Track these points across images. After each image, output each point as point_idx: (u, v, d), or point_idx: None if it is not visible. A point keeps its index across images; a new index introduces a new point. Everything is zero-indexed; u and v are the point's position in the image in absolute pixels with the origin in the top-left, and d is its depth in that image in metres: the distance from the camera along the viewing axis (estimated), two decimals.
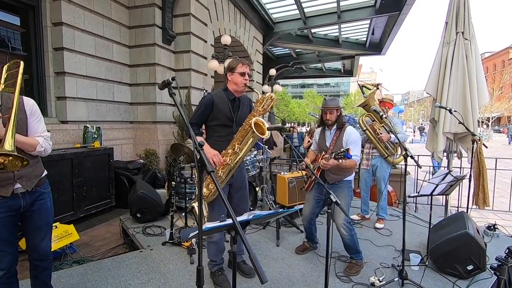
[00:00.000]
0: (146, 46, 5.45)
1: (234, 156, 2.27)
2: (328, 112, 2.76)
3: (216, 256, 2.49)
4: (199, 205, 1.37)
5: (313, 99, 40.89)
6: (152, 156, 5.35)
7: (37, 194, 1.75)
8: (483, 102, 3.73)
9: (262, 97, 2.31)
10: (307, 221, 2.95)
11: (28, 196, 1.71)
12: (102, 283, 2.44)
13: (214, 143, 2.35)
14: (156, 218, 3.88)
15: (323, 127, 2.92)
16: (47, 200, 1.83)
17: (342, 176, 2.73)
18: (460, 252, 2.50)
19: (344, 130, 2.73)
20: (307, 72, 16.83)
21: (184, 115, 1.38)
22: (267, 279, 0.98)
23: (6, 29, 4.05)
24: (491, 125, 29.92)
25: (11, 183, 1.62)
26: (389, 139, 3.70)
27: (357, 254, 2.71)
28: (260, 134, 2.18)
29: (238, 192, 2.53)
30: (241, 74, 2.32)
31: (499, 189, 5.48)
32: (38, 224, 1.79)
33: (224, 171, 2.29)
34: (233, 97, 2.38)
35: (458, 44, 3.57)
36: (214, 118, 2.36)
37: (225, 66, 4.52)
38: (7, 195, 1.61)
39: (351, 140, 2.67)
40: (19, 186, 1.66)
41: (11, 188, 1.62)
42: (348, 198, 2.75)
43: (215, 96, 2.36)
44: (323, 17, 9.37)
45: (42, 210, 1.79)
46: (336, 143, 2.75)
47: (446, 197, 3.81)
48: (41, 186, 1.79)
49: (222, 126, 2.38)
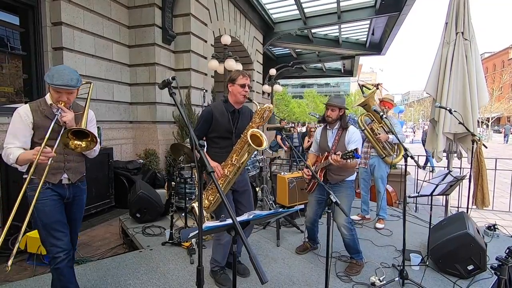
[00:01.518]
0: (146, 46, 5.44)
1: (233, 167, 2.29)
2: (330, 108, 2.76)
3: (221, 259, 2.52)
4: (199, 205, 1.36)
5: (313, 99, 40.91)
6: (152, 156, 5.34)
7: (77, 189, 2.01)
8: (483, 102, 3.73)
9: (261, 108, 2.35)
10: (310, 223, 2.96)
11: (72, 188, 1.97)
12: (102, 283, 2.43)
13: (214, 155, 2.39)
14: (156, 218, 3.87)
15: (324, 126, 2.91)
16: (84, 197, 2.11)
17: (343, 176, 2.72)
18: (461, 252, 2.50)
19: (347, 130, 2.72)
20: (307, 72, 16.84)
21: (184, 115, 1.38)
22: (268, 279, 0.98)
23: (5, 29, 4.04)
24: (490, 125, 29.94)
25: (60, 172, 1.90)
26: (387, 140, 3.70)
27: (357, 254, 2.71)
28: (257, 146, 2.20)
29: (243, 196, 2.56)
30: (242, 85, 2.38)
31: (499, 189, 5.48)
32: (75, 217, 2.05)
33: (223, 182, 2.31)
34: (232, 109, 2.43)
35: (458, 44, 3.57)
36: (213, 130, 2.41)
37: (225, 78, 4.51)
38: (55, 182, 1.87)
39: (353, 140, 2.66)
40: (66, 177, 1.92)
41: (59, 177, 1.89)
42: (349, 198, 2.75)
43: (215, 109, 2.41)
44: (323, 17, 9.37)
45: (80, 204, 2.08)
46: (338, 143, 2.73)
47: (446, 197, 3.81)
48: (82, 183, 2.06)
49: (221, 138, 2.42)
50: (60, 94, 1.79)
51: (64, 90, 1.78)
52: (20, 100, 4.12)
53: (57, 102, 1.80)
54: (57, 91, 1.78)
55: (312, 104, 40.14)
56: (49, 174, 1.81)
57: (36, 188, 1.73)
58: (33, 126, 1.82)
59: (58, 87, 1.75)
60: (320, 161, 2.79)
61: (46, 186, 1.84)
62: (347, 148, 2.65)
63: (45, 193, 1.83)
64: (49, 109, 1.85)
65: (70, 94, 1.83)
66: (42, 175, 1.75)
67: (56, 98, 1.81)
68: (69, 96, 1.84)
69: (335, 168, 2.64)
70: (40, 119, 1.83)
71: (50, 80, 1.74)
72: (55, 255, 1.82)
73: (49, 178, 1.84)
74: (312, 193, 2.91)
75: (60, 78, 1.75)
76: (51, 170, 1.82)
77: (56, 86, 1.74)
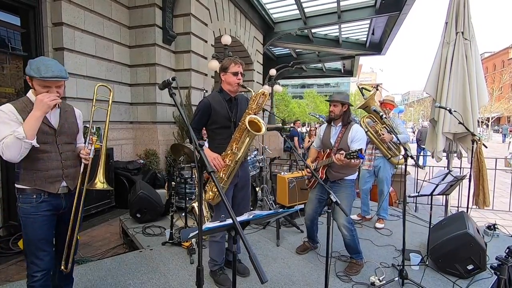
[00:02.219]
0: (146, 46, 5.44)
1: (233, 156, 2.26)
2: (332, 104, 2.76)
3: (218, 257, 2.50)
4: (199, 205, 1.37)
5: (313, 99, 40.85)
6: (152, 156, 5.34)
7: (73, 197, 1.85)
8: (483, 103, 3.73)
9: (256, 94, 2.31)
10: (309, 220, 2.95)
11: (69, 197, 1.83)
12: (102, 283, 2.44)
13: (217, 146, 2.36)
14: (156, 218, 3.88)
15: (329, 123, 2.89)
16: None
17: (344, 174, 2.70)
18: (460, 252, 2.50)
19: (350, 128, 2.70)
20: (307, 72, 16.83)
21: (184, 115, 1.38)
22: (267, 279, 0.98)
23: (6, 29, 4.05)
24: (490, 125, 29.91)
25: (59, 180, 1.76)
26: (391, 140, 3.66)
27: (357, 254, 2.71)
28: (256, 131, 2.18)
29: (240, 192, 2.53)
30: (234, 73, 2.32)
31: (499, 189, 5.48)
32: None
33: (225, 172, 2.29)
34: (229, 97, 2.39)
35: (458, 44, 3.57)
36: (213, 122, 2.37)
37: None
38: (54, 192, 1.73)
39: (357, 138, 2.63)
40: (65, 185, 1.79)
41: (59, 185, 1.75)
42: (350, 198, 2.73)
43: (212, 100, 2.37)
44: (323, 17, 9.37)
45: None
46: (341, 141, 2.71)
47: (446, 197, 3.81)
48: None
49: (222, 128, 2.38)
50: (49, 89, 1.62)
51: (54, 82, 1.63)
52: None
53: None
54: (46, 85, 1.61)
55: (312, 104, 40.07)
56: (47, 183, 1.70)
57: (29, 200, 1.64)
58: None
59: (49, 80, 1.59)
60: (322, 158, 2.79)
61: (42, 199, 1.70)
62: (350, 146, 2.63)
63: (39, 207, 1.69)
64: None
65: (59, 88, 1.67)
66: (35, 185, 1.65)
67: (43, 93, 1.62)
68: (59, 90, 1.67)
69: (336, 166, 2.61)
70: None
71: (37, 73, 1.56)
72: (32, 274, 1.71)
73: (47, 187, 1.70)
74: (312, 190, 2.91)
75: (49, 70, 1.58)
76: (49, 179, 1.70)
77: (47, 78, 1.58)
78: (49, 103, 1.57)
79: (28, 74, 1.60)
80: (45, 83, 1.61)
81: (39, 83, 1.61)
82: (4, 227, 3.35)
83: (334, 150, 2.68)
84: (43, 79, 1.58)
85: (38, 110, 1.57)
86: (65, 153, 1.78)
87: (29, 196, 1.67)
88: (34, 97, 1.65)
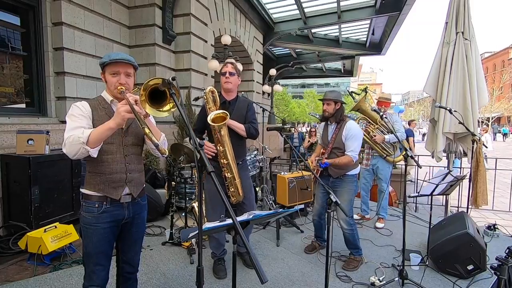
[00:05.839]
0: (146, 46, 5.44)
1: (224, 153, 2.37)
2: (325, 103, 2.81)
3: (216, 249, 2.60)
4: (199, 205, 1.37)
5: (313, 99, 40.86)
6: (152, 156, 5.34)
7: (137, 206, 1.75)
8: (483, 103, 3.73)
9: (205, 93, 2.39)
10: (317, 215, 2.99)
11: (132, 206, 1.71)
12: None
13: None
14: (156, 218, 3.88)
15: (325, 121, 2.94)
16: (145, 213, 1.85)
17: (345, 170, 2.75)
18: (460, 252, 2.50)
19: (344, 125, 2.75)
20: (307, 72, 16.82)
21: (184, 115, 1.38)
22: (267, 279, 0.98)
23: (6, 29, 4.05)
24: (491, 125, 29.91)
25: (122, 186, 1.64)
26: (383, 141, 3.70)
27: (356, 250, 2.74)
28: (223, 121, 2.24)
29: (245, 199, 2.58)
30: (222, 74, 2.44)
31: (499, 189, 5.48)
32: (135, 238, 1.81)
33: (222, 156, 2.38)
34: (223, 101, 2.47)
35: (458, 44, 3.57)
36: (206, 126, 2.44)
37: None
38: (117, 198, 1.62)
39: (350, 135, 2.69)
40: (127, 192, 1.66)
41: (121, 191, 1.63)
42: (351, 193, 2.78)
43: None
44: (323, 17, 9.36)
45: (140, 223, 1.81)
46: (335, 139, 2.78)
47: (446, 197, 3.81)
48: (142, 198, 1.80)
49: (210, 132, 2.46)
50: (117, 77, 1.60)
51: (122, 66, 1.60)
52: (21, 100, 4.12)
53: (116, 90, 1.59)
54: (115, 71, 1.59)
55: (312, 104, 40.08)
56: (110, 188, 1.60)
57: (91, 209, 1.58)
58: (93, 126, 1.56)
59: (117, 61, 1.57)
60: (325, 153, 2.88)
61: (103, 208, 1.60)
62: (345, 143, 2.72)
63: (99, 218, 1.59)
64: (110, 108, 1.64)
65: (128, 77, 1.64)
66: (98, 190, 1.57)
67: (113, 83, 1.59)
68: (128, 79, 1.63)
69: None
70: (100, 118, 1.59)
71: (107, 58, 1.58)
72: (87, 286, 1.67)
73: (110, 193, 1.60)
74: (317, 186, 3.02)
75: (117, 55, 1.59)
76: (112, 183, 1.60)
77: (116, 59, 1.57)
78: (123, 114, 1.44)
79: (100, 63, 1.61)
80: (114, 68, 1.59)
81: (109, 70, 1.60)
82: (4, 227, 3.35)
83: (329, 149, 2.79)
84: (112, 61, 1.58)
85: (113, 121, 1.47)
86: (129, 156, 1.67)
87: (91, 205, 1.59)
88: (108, 95, 1.66)
